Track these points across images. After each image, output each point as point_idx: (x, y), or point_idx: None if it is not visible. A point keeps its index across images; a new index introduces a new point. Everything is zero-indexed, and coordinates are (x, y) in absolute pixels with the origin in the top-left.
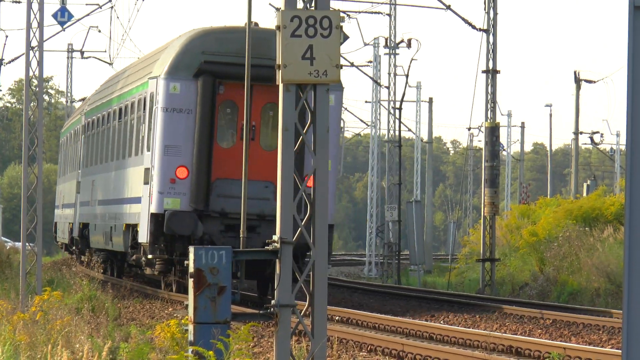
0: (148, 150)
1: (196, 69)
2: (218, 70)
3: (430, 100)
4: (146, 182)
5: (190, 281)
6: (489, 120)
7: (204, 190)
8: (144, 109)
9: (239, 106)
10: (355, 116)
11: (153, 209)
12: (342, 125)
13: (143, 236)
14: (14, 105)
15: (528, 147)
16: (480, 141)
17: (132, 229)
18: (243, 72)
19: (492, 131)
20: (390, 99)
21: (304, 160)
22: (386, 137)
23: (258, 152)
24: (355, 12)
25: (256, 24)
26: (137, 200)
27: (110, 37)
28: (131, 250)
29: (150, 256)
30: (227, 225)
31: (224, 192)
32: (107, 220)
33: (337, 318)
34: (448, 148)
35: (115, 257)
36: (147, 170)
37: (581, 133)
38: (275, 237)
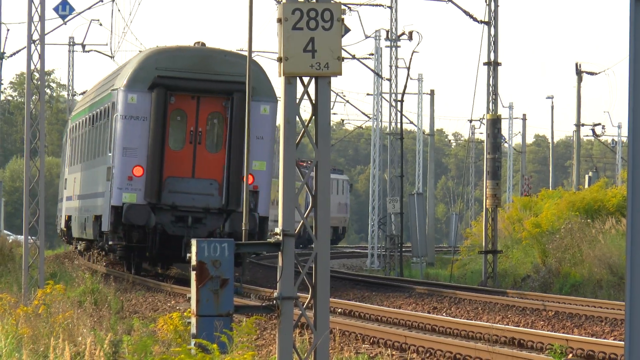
0: (110, 152)
1: (151, 82)
2: (169, 84)
3: (432, 93)
4: (108, 179)
5: (193, 274)
6: (490, 113)
7: (157, 186)
8: (108, 116)
9: (188, 114)
10: (357, 109)
11: (113, 202)
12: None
13: (105, 225)
14: (15, 99)
15: (530, 139)
16: (481, 133)
17: (99, 219)
18: (191, 85)
19: (494, 123)
20: (392, 91)
21: (243, 156)
22: (388, 129)
23: (204, 154)
24: (357, 4)
25: (203, 44)
26: (102, 194)
27: (111, 31)
28: (99, 238)
29: (110, 243)
30: (177, 217)
31: (174, 188)
32: (82, 213)
33: (339, 310)
34: (450, 140)
35: (92, 244)
36: (109, 169)
37: (583, 125)
38: (278, 230)
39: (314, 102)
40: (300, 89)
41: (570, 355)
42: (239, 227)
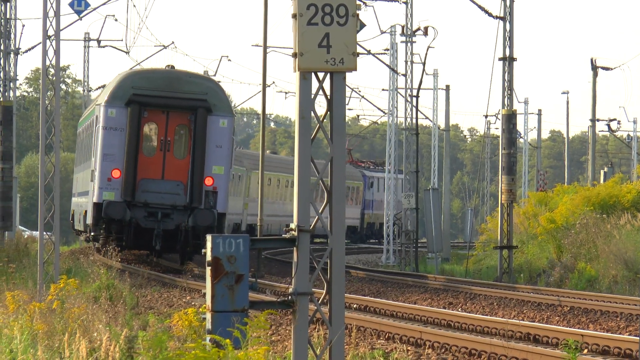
0: (93, 157)
1: (127, 99)
2: (143, 100)
3: (447, 88)
4: (92, 180)
5: (208, 269)
6: (505, 108)
7: (132, 186)
8: (93, 127)
9: (159, 126)
10: (372, 104)
11: (95, 200)
12: (235, 144)
13: (89, 219)
14: (30, 95)
15: (545, 135)
16: (497, 129)
17: (87, 214)
18: (162, 102)
19: (509, 118)
20: (407, 86)
21: (204, 162)
22: (403, 125)
23: (172, 160)
24: None
25: (172, 67)
26: (88, 193)
27: (126, 26)
28: (87, 229)
29: (93, 233)
30: (149, 212)
31: (147, 188)
32: (78, 208)
33: (354, 306)
34: (465, 136)
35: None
36: (92, 171)
37: (598, 120)
38: (293, 225)
39: (329, 97)
40: (315, 84)
41: (586, 350)
42: (201, 222)
